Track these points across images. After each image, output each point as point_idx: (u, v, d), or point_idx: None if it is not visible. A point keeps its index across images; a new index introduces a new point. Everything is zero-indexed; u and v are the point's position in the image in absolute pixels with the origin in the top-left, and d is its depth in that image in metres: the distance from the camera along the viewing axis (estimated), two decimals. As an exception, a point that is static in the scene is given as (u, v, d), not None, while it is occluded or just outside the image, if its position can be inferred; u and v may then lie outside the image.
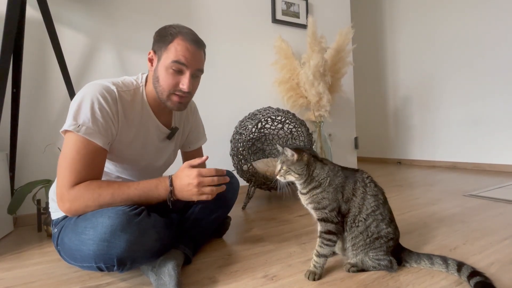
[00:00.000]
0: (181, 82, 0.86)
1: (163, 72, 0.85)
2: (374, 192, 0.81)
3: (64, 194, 0.75)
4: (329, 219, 0.79)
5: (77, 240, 0.76)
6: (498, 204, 1.46)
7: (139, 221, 0.76)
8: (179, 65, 0.84)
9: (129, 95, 0.88)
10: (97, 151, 0.79)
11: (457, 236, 1.06)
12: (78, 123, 0.76)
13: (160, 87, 0.87)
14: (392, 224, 0.82)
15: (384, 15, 3.57)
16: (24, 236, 1.31)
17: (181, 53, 0.83)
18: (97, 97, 0.79)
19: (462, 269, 0.74)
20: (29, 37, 1.47)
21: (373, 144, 3.81)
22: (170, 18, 1.89)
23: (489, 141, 2.61)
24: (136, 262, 0.77)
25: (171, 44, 0.84)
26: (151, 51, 0.90)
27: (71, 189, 0.75)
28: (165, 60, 0.84)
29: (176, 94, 0.87)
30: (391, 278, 0.78)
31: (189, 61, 0.85)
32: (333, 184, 0.80)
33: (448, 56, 2.89)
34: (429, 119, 3.11)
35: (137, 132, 0.91)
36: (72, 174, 0.75)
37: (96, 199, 0.75)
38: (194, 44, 0.86)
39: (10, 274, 0.93)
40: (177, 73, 0.85)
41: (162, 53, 0.85)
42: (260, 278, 0.81)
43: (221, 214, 1.10)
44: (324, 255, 0.80)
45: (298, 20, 2.39)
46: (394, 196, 1.77)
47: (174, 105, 0.89)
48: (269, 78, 2.25)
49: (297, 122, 1.77)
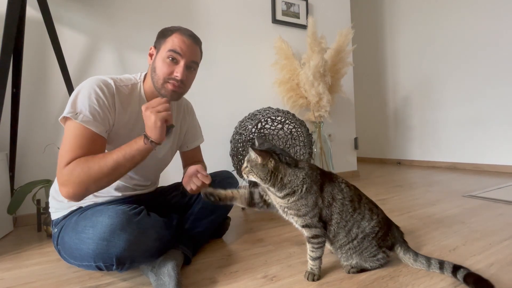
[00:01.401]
0: (175, 70, 0.89)
1: (160, 62, 0.88)
2: (350, 197, 0.80)
3: (59, 176, 0.76)
4: (313, 225, 0.77)
5: (77, 239, 0.76)
6: (498, 205, 1.46)
7: (138, 221, 0.76)
8: (175, 54, 0.87)
9: (126, 89, 0.90)
10: (94, 137, 0.79)
11: (457, 237, 1.06)
12: (76, 111, 0.78)
13: (156, 76, 0.89)
14: (373, 215, 0.81)
15: (384, 15, 3.58)
16: (23, 236, 1.31)
17: (177, 43, 0.88)
18: (94, 88, 0.82)
19: (457, 273, 0.74)
20: (29, 37, 1.47)
21: (373, 144, 3.81)
22: (170, 18, 1.89)
23: (489, 141, 2.61)
24: (135, 262, 0.77)
25: (170, 38, 0.89)
26: (152, 47, 0.94)
27: (63, 168, 0.75)
28: (162, 51, 0.89)
29: (170, 83, 0.89)
30: (391, 279, 0.78)
31: (184, 51, 0.88)
32: (311, 191, 0.76)
33: (447, 57, 2.89)
34: (429, 120, 3.11)
35: (134, 125, 0.92)
36: (68, 156, 0.76)
37: (87, 172, 0.74)
38: (191, 38, 0.91)
39: (10, 274, 0.93)
40: (173, 62, 0.88)
41: (161, 46, 0.90)
42: (260, 279, 0.82)
43: (221, 214, 1.11)
44: (318, 257, 0.80)
45: (298, 20, 2.40)
46: (394, 196, 1.77)
47: (168, 93, 0.90)
48: (269, 79, 2.26)
49: (297, 122, 1.77)
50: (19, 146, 1.47)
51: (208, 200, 0.87)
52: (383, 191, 1.93)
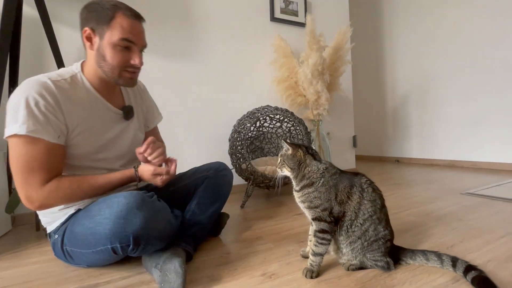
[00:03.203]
0: (131, 58, 0.86)
1: (110, 50, 0.83)
2: (372, 198, 0.80)
3: (33, 195, 0.76)
4: (322, 218, 0.79)
5: (91, 223, 0.77)
6: (495, 202, 1.47)
7: (153, 201, 0.80)
8: (128, 43, 0.84)
9: (65, 83, 0.83)
10: (47, 147, 0.77)
11: (455, 234, 1.06)
12: (19, 124, 0.73)
13: (108, 66, 0.85)
14: (388, 226, 0.82)
15: (382, 14, 3.57)
16: (22, 235, 1.31)
17: (128, 30, 0.83)
18: (31, 95, 0.75)
19: (457, 264, 0.75)
20: (27, 36, 1.46)
21: (371, 142, 3.82)
22: (168, 16, 1.88)
23: (487, 139, 2.62)
24: (149, 244, 0.79)
25: (114, 21, 0.82)
26: (87, 28, 0.84)
27: (39, 189, 0.76)
28: (110, 38, 0.82)
29: (129, 71, 0.88)
30: (388, 276, 0.78)
31: (136, 38, 0.86)
32: (326, 185, 0.80)
33: (446, 55, 2.89)
34: (427, 118, 3.12)
35: (90, 116, 0.88)
36: (33, 175, 0.76)
37: (69, 196, 0.81)
38: (137, 19, 0.87)
39: (8, 273, 0.93)
40: (126, 49, 0.85)
41: (105, 31, 0.82)
42: (259, 276, 0.82)
43: (218, 207, 1.11)
44: (320, 254, 0.80)
45: (297, 18, 2.39)
46: (392, 194, 1.77)
47: (126, 81, 0.89)
48: (267, 77, 2.25)
49: (295, 120, 1.77)
50: (17, 145, 1.46)
51: None
52: (381, 189, 1.90)
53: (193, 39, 1.96)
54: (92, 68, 0.88)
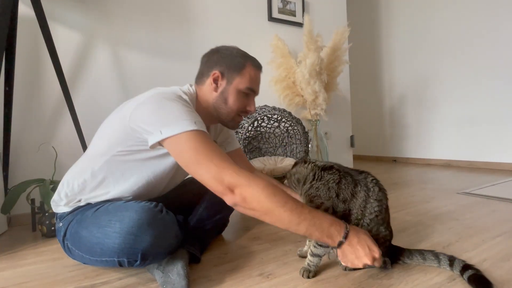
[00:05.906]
0: (248, 105, 0.93)
1: (234, 95, 0.89)
2: (379, 197, 0.79)
3: (233, 180, 0.68)
4: None
5: (99, 233, 0.75)
6: (491, 202, 1.48)
7: (163, 217, 0.78)
8: (250, 91, 0.91)
9: (189, 101, 0.85)
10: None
11: (451, 234, 1.07)
12: (193, 121, 0.72)
13: (227, 108, 0.90)
14: (389, 227, 0.82)
15: (380, 14, 3.58)
16: (18, 236, 1.30)
17: (254, 80, 0.91)
18: (175, 99, 0.77)
19: (454, 263, 0.76)
20: (22, 35, 1.45)
21: (369, 142, 3.83)
22: (166, 17, 1.87)
23: (483, 139, 2.64)
24: (156, 258, 0.78)
25: (245, 70, 0.89)
26: (216, 71, 0.88)
27: (241, 171, 0.69)
28: (238, 85, 0.88)
29: (241, 116, 0.94)
30: (385, 276, 0.78)
31: (257, 87, 0.94)
32: (321, 180, 0.80)
33: (443, 55, 2.91)
34: (424, 118, 3.14)
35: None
36: (224, 162, 0.70)
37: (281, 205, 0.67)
38: (260, 70, 0.95)
39: (4, 274, 0.92)
40: (246, 96, 0.91)
41: (234, 77, 0.88)
42: (256, 276, 0.82)
43: (226, 214, 1.11)
44: (318, 255, 0.80)
45: (295, 18, 2.39)
46: (389, 193, 1.77)
47: (235, 124, 0.95)
48: (265, 77, 2.24)
49: (293, 120, 1.77)
50: (13, 145, 1.45)
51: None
52: (378, 189, 1.94)
53: (191, 38, 1.95)
54: (204, 103, 0.92)
